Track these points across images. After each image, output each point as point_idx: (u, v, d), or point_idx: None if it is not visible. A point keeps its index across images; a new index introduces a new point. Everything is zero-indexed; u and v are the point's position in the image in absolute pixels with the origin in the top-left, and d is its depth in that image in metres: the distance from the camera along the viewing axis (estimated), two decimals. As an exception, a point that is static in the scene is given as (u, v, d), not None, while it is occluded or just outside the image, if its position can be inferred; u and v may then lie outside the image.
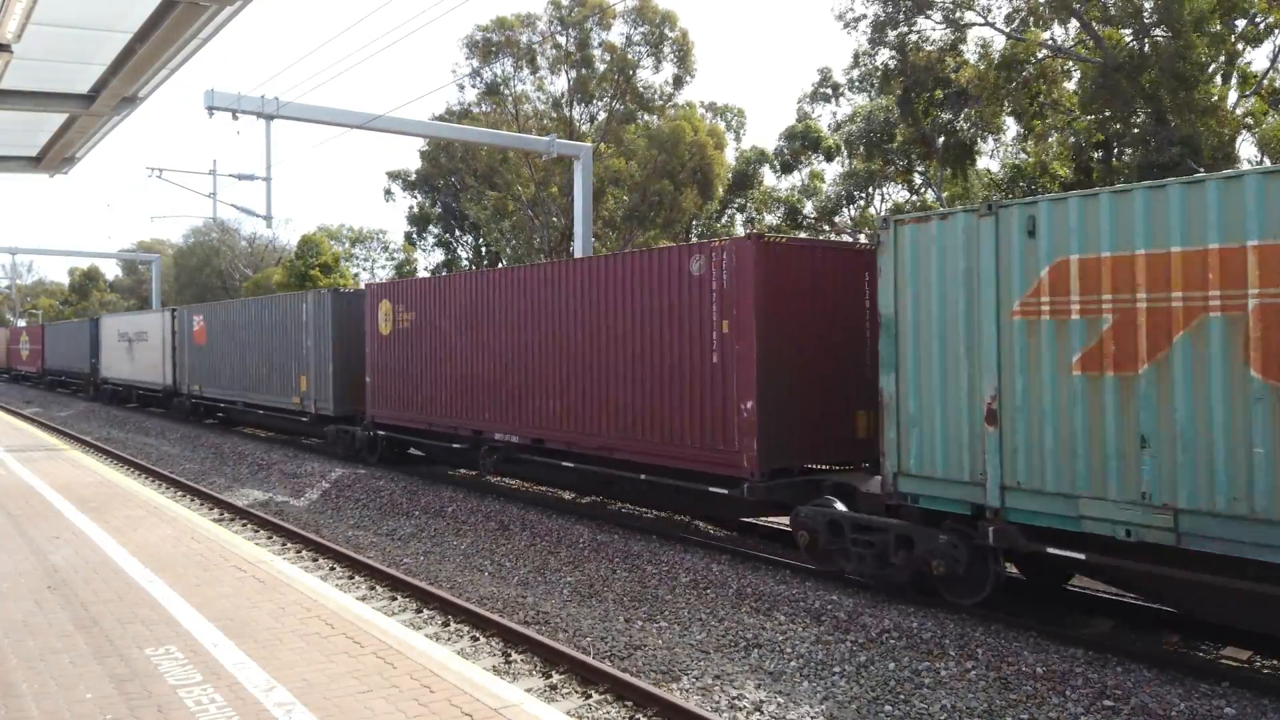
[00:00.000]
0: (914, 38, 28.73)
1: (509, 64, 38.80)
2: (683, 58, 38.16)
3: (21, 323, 79.02)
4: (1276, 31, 24.82)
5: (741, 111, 47.23)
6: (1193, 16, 21.24)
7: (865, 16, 29.09)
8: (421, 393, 17.58)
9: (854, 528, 9.95)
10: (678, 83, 39.11)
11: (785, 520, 11.45)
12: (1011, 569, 9.83)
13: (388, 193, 52.31)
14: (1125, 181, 23.44)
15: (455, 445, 17.08)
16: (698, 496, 12.21)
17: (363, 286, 21.40)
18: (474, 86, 39.45)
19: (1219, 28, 22.16)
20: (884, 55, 29.68)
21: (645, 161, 36.90)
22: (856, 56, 30.40)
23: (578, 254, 23.05)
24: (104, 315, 40.25)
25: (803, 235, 43.11)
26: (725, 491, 11.32)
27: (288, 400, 22.30)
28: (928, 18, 28.48)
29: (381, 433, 19.17)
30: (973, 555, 8.93)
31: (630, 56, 37.81)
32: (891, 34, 28.57)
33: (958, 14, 28.12)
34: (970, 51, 29.14)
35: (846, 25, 29.53)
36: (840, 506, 10.16)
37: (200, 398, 28.27)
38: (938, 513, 9.14)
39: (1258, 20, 24.03)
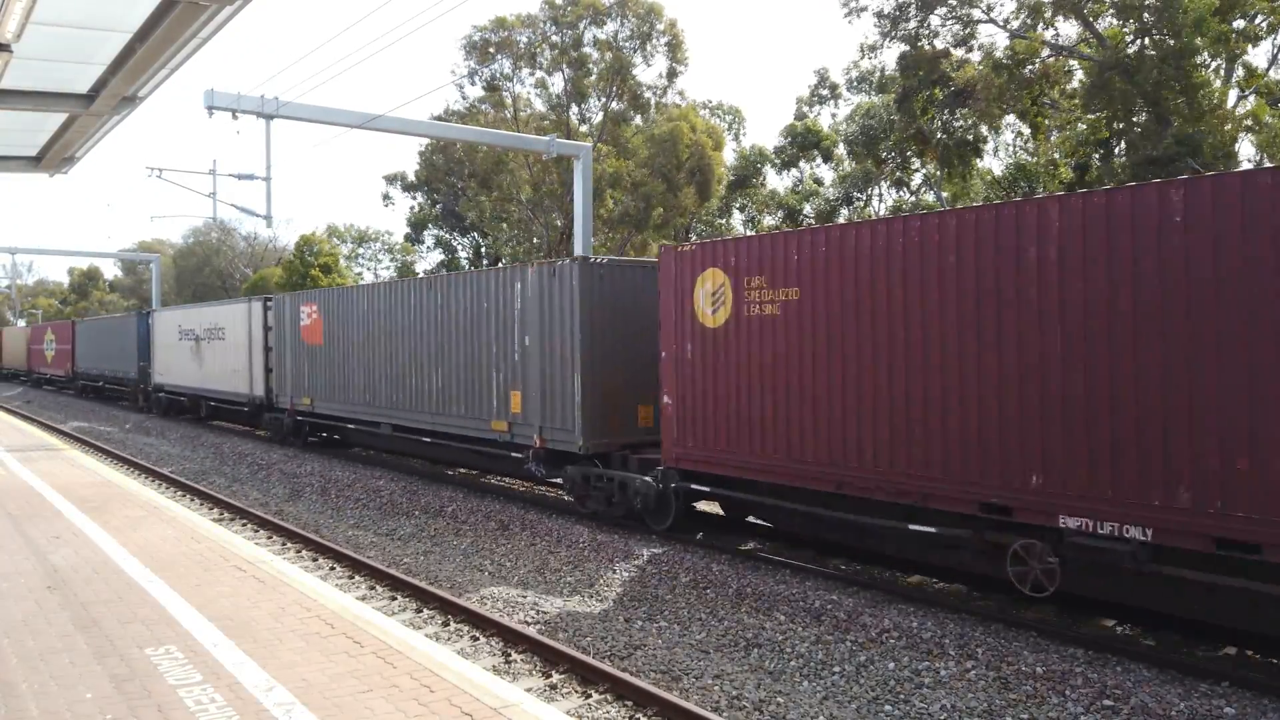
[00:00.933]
0: (925, 32, 28.72)
1: (507, 64, 38.84)
2: (674, 49, 38.11)
3: (19, 323, 77.95)
4: (1277, 31, 24.83)
5: (739, 111, 47.28)
6: (1192, 18, 21.24)
7: (868, 7, 29.10)
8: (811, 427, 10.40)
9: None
10: (671, 75, 39.07)
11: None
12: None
13: (386, 197, 52.37)
14: (1125, 181, 23.47)
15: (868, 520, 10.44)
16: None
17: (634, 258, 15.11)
18: (474, 84, 39.47)
19: (1219, 28, 22.16)
20: (894, 51, 29.71)
21: (643, 161, 36.91)
22: (862, 49, 30.34)
23: (578, 252, 23.04)
24: (159, 310, 33.31)
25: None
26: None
27: (481, 426, 15.67)
28: (937, 15, 28.50)
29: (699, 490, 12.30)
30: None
31: (623, 53, 37.80)
32: (903, 28, 28.56)
33: (964, 10, 28.13)
34: (976, 50, 29.17)
35: (850, 14, 29.52)
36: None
37: (310, 414, 21.72)
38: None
39: (1258, 20, 24.03)
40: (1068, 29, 28.04)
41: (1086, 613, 9.51)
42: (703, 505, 13.78)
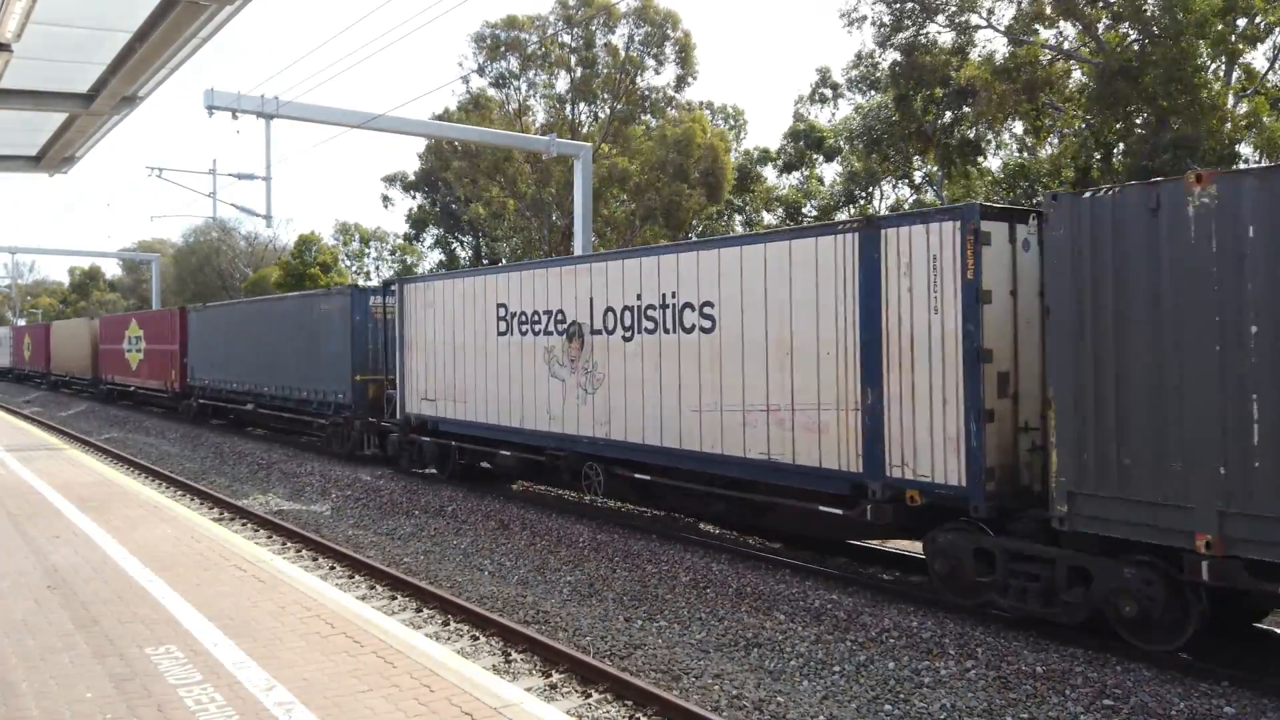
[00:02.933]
0: (922, 40, 28.71)
1: (515, 62, 38.88)
2: (684, 58, 38.20)
3: (19, 322, 77.18)
4: (1277, 30, 24.81)
5: (741, 111, 47.29)
6: (1195, 18, 21.22)
7: (867, 17, 29.10)
8: None
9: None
10: (680, 83, 39.16)
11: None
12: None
13: (385, 198, 52.39)
14: (1125, 181, 23.45)
15: None
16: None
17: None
18: (483, 77, 39.48)
19: (1220, 28, 22.16)
20: (890, 57, 29.69)
21: (649, 162, 36.92)
22: (860, 56, 30.40)
23: (578, 251, 23.06)
24: (419, 279, 18.88)
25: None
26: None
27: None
28: (933, 21, 28.48)
29: None
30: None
31: (634, 56, 37.84)
32: (899, 36, 28.55)
33: (963, 17, 28.11)
34: (975, 54, 29.15)
35: (850, 24, 29.55)
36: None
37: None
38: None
39: (1258, 20, 24.03)
40: (1067, 30, 28.04)
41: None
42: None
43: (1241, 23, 23.82)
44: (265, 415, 25.40)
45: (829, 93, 43.58)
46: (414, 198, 51.57)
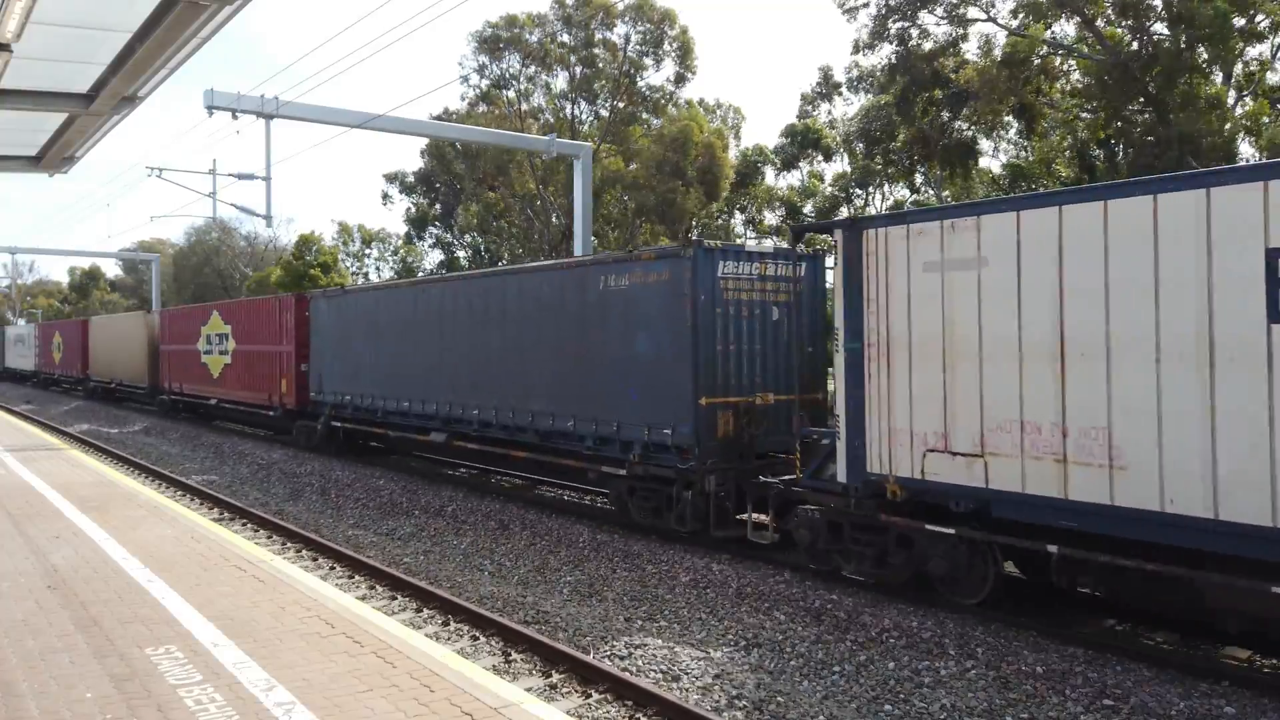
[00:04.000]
0: (915, 31, 28.73)
1: (515, 61, 38.90)
2: (683, 56, 38.21)
3: (19, 322, 76.57)
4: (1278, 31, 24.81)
5: (740, 110, 47.30)
6: (1209, 16, 21.16)
7: (866, 5, 29.09)
8: None
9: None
10: (679, 81, 39.16)
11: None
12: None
13: (385, 196, 52.41)
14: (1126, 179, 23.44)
15: None
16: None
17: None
18: (483, 79, 39.48)
19: (1236, 25, 22.12)
20: (885, 50, 29.68)
21: (649, 162, 36.92)
22: (857, 45, 30.36)
23: (577, 251, 23.06)
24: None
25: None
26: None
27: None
28: (930, 12, 28.48)
29: None
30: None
31: (632, 55, 37.85)
32: (893, 26, 28.55)
33: (961, 9, 28.12)
34: (973, 48, 29.15)
35: (847, 13, 29.54)
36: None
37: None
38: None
39: (1259, 20, 24.02)
40: (1068, 28, 28.04)
41: (1086, 612, 9.52)
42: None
43: (1240, 22, 23.82)
44: (468, 449, 17.01)
45: (830, 90, 43.58)
46: (413, 197, 51.57)
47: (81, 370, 41.23)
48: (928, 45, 28.76)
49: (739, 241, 38.77)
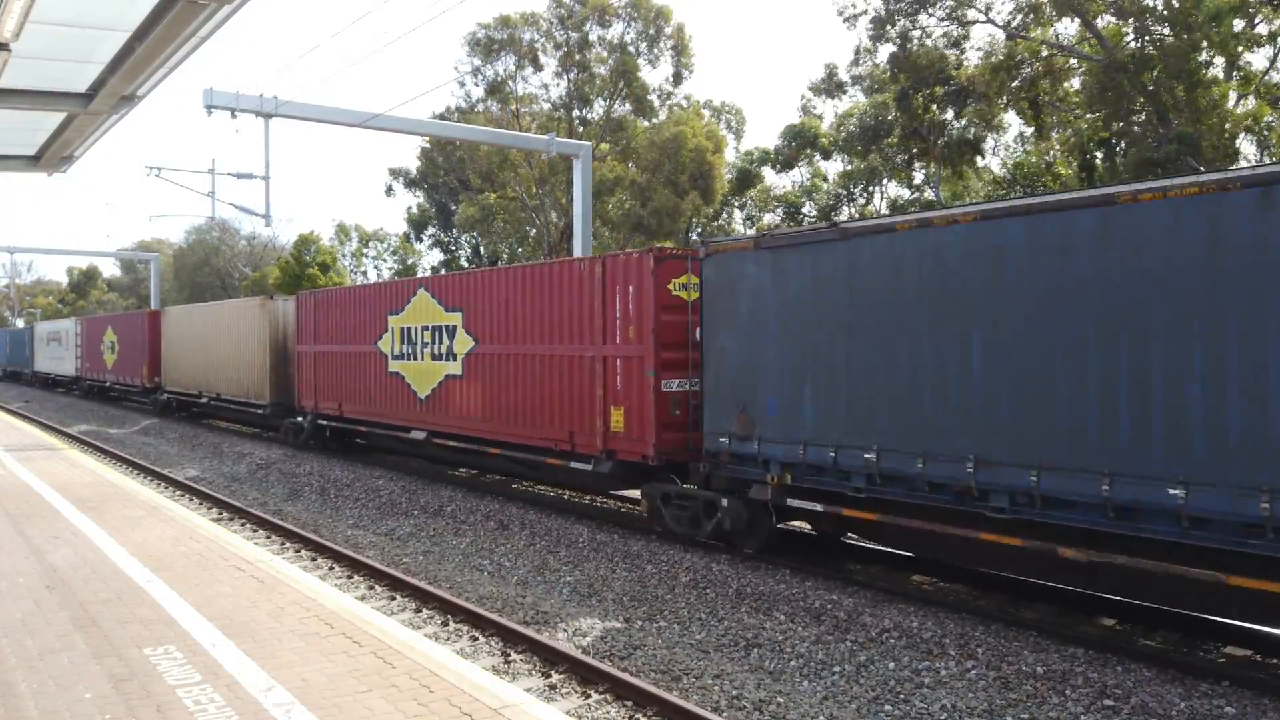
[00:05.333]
0: (916, 33, 28.76)
1: (510, 62, 38.88)
2: (679, 53, 38.19)
3: (18, 322, 75.78)
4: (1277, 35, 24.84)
5: (740, 111, 47.33)
6: (1208, 14, 21.19)
7: (866, 12, 29.13)
8: None
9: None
10: (676, 79, 39.15)
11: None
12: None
13: (389, 189, 52.42)
14: (1127, 180, 23.49)
15: None
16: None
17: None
18: (477, 84, 39.50)
19: (1230, 27, 22.16)
20: (885, 52, 29.73)
21: (646, 164, 36.94)
22: (858, 52, 30.45)
23: (577, 251, 23.04)
24: None
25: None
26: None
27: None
28: (930, 14, 28.50)
29: None
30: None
31: (629, 54, 37.84)
32: (892, 30, 28.59)
33: (960, 11, 28.14)
34: (973, 49, 29.19)
35: (847, 20, 29.61)
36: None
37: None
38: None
39: (1258, 22, 24.03)
40: (1068, 28, 28.06)
41: (1087, 613, 9.51)
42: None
43: (1239, 24, 23.83)
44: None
45: (834, 88, 43.58)
46: (415, 195, 51.59)
47: (148, 377, 31.69)
48: (928, 44, 28.79)
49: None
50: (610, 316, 13.05)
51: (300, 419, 22.27)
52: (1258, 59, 26.95)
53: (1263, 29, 24.37)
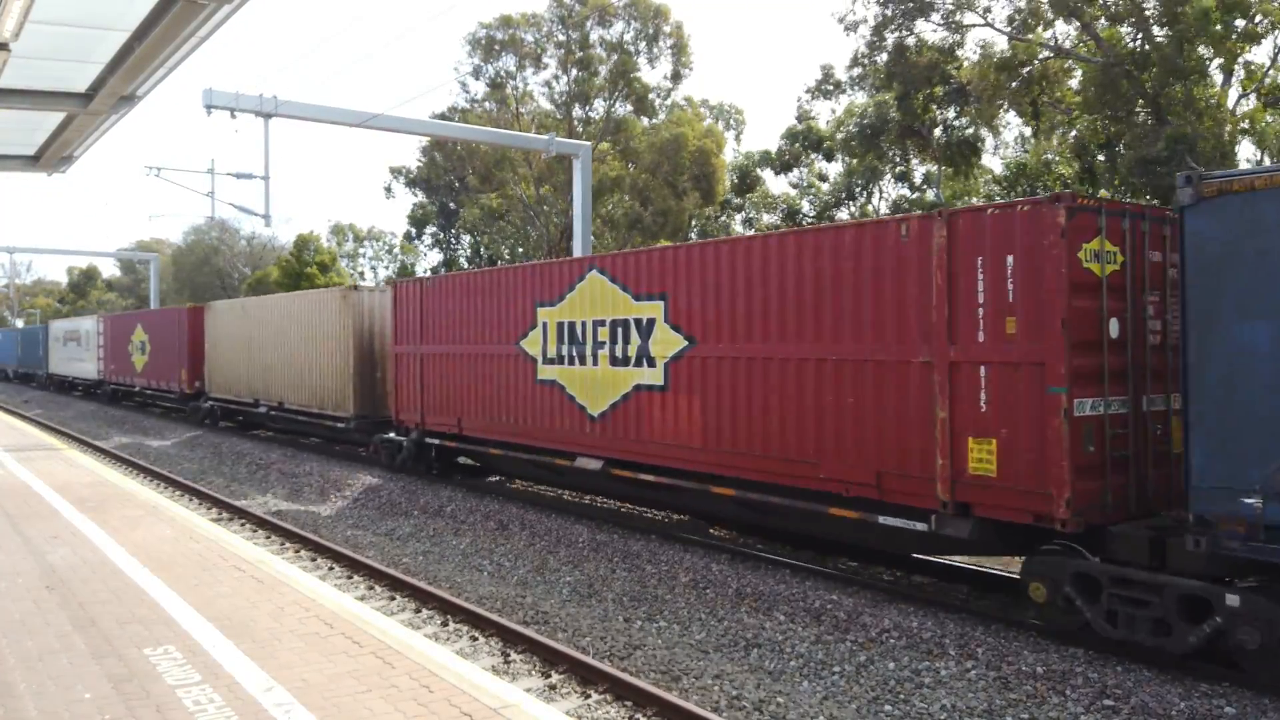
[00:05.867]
0: (912, 40, 28.80)
1: (511, 61, 38.92)
2: (679, 52, 38.22)
3: (18, 322, 75.40)
4: (1276, 31, 24.82)
5: (740, 111, 47.36)
6: (1196, 14, 21.24)
7: (865, 20, 29.17)
8: None
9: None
10: (676, 78, 39.17)
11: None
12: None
13: (388, 189, 52.47)
14: (1127, 180, 23.50)
15: None
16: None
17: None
18: (479, 80, 39.53)
19: (1220, 27, 22.18)
20: (882, 59, 29.76)
21: (646, 165, 36.97)
22: (856, 58, 30.51)
23: (577, 251, 23.04)
24: None
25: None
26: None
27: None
28: (927, 20, 28.54)
29: None
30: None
31: (628, 53, 37.88)
32: (889, 37, 28.63)
33: (957, 15, 28.17)
34: (970, 52, 29.21)
35: (847, 29, 29.65)
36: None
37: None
38: None
39: (1257, 19, 24.02)
40: (1066, 29, 28.06)
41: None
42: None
43: (1240, 23, 23.82)
44: None
45: (831, 89, 43.60)
46: (415, 195, 51.61)
47: (188, 382, 28.07)
48: (926, 53, 28.82)
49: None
50: (964, 302, 8.87)
51: (396, 436, 18.13)
52: (1258, 57, 26.96)
53: (1263, 26, 24.37)
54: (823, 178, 46.22)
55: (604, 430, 13.10)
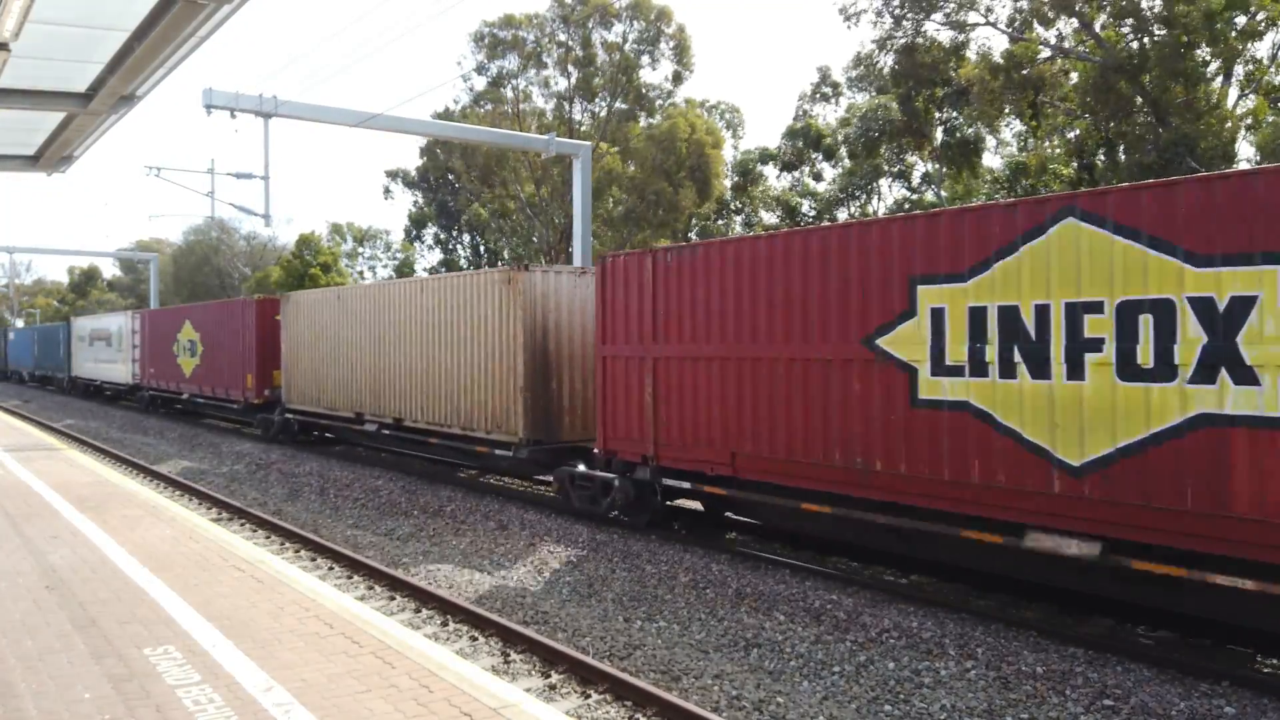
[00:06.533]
0: (920, 40, 28.83)
1: (514, 61, 38.96)
2: (680, 54, 38.27)
3: (18, 322, 75.26)
4: (1276, 27, 24.82)
5: (738, 109, 47.40)
6: (1202, 13, 21.22)
7: (866, 11, 29.18)
8: None
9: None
10: (676, 79, 39.22)
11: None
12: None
13: (386, 191, 52.48)
14: (1126, 180, 23.48)
15: None
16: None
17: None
18: (481, 76, 39.57)
19: (1223, 25, 22.19)
20: (888, 59, 29.80)
21: (644, 161, 36.99)
22: (859, 57, 30.55)
23: (576, 252, 23.04)
24: None
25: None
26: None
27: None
28: (929, 19, 28.58)
29: None
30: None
31: (629, 54, 37.92)
32: (898, 39, 28.67)
33: (961, 14, 28.19)
34: (973, 51, 29.23)
35: (848, 20, 29.66)
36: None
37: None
38: None
39: (1258, 17, 24.02)
40: (1065, 29, 28.07)
41: (1087, 612, 9.51)
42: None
43: (1241, 20, 23.82)
44: None
45: (829, 91, 43.64)
46: (414, 195, 51.62)
47: (255, 389, 23.96)
48: (933, 52, 28.86)
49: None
50: None
51: (601, 472, 13.41)
52: (1259, 52, 26.90)
53: (1263, 22, 24.36)
54: (819, 176, 46.22)
55: (1099, 490, 8.07)
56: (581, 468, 14.04)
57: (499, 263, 45.86)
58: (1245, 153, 26.65)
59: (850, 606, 9.60)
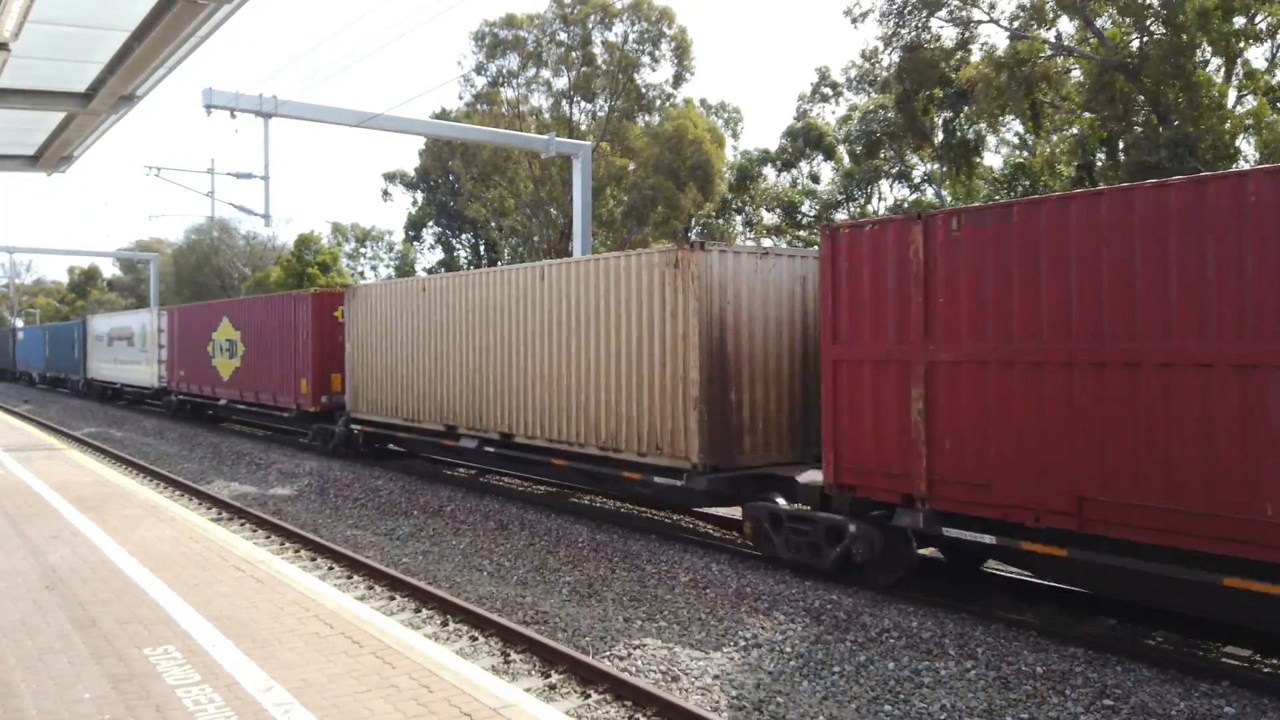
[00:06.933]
0: (926, 37, 28.88)
1: (514, 60, 38.99)
2: (681, 55, 38.30)
3: (17, 322, 75.10)
4: (1278, 33, 24.85)
5: (738, 109, 47.43)
6: (1195, 13, 21.25)
7: (871, 11, 29.22)
8: None
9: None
10: (677, 80, 39.25)
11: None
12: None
13: (385, 193, 52.52)
14: (1127, 180, 23.47)
15: None
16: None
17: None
18: (480, 75, 39.58)
19: (1219, 24, 22.19)
20: (893, 57, 29.86)
21: (646, 160, 37.02)
22: (864, 55, 30.65)
23: (576, 252, 23.05)
24: None
25: (801, 233, 43.22)
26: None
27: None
28: (934, 16, 28.62)
29: None
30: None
31: (630, 54, 37.94)
32: (905, 33, 28.71)
33: (964, 10, 28.22)
34: (976, 49, 29.26)
35: (854, 20, 29.72)
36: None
37: None
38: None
39: (1258, 18, 24.03)
40: (1067, 27, 28.09)
41: (1086, 612, 9.51)
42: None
43: (1240, 21, 23.82)
44: None
45: (829, 91, 43.67)
46: (414, 196, 51.64)
47: (311, 397, 21.20)
48: (936, 51, 28.89)
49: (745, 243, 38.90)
50: None
51: (826, 514, 10.36)
52: (1258, 57, 26.95)
53: (1262, 25, 24.37)
54: (816, 177, 46.23)
55: None
56: (781, 502, 10.96)
57: (499, 262, 45.89)
58: (1246, 152, 26.67)
59: (850, 606, 9.59)
